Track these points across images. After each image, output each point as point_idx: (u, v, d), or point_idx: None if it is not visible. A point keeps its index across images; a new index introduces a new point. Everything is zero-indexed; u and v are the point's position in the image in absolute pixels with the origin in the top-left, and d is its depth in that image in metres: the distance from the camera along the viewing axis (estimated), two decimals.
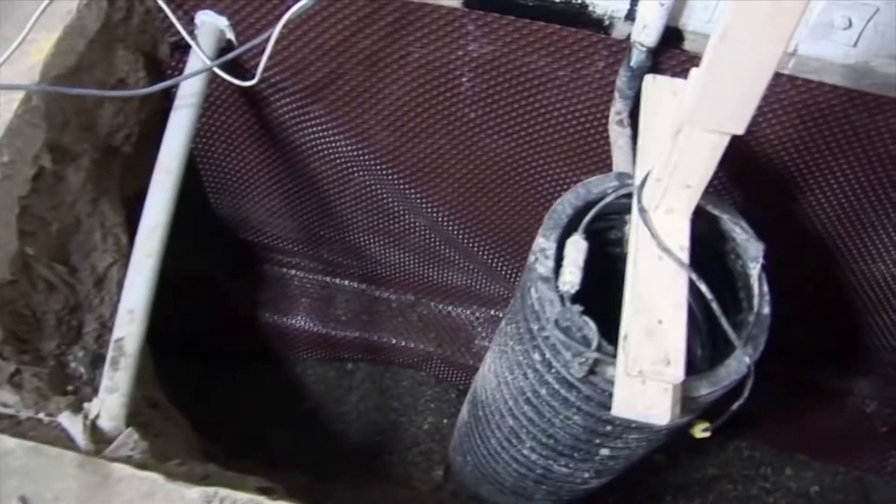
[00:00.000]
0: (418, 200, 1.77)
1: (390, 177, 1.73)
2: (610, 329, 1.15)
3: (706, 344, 1.46)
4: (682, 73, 1.42)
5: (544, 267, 1.21)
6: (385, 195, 1.81)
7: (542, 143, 1.61)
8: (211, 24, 1.52)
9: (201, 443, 1.83)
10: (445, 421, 2.13)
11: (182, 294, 2.06)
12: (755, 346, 1.22)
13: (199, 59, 1.47)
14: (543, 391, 1.27)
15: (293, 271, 2.15)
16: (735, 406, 1.26)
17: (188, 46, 1.48)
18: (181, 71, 1.58)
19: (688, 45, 1.41)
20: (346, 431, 2.12)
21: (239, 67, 1.56)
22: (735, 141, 1.54)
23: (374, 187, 1.79)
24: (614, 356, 1.13)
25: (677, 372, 1.08)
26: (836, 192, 1.62)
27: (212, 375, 2.14)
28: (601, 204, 1.25)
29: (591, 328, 1.16)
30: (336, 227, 1.96)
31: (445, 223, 1.82)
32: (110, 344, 1.27)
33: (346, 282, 2.17)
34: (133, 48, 1.53)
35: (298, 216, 1.94)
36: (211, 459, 1.80)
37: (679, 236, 1.17)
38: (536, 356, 1.24)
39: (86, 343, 1.43)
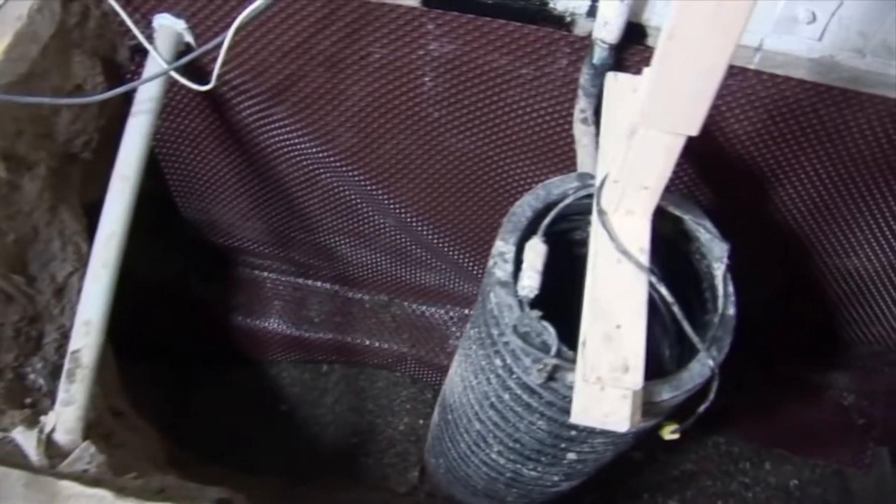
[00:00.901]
0: (386, 201, 1.75)
1: (356, 178, 1.70)
2: (576, 334, 1.13)
3: (675, 344, 1.44)
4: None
5: (503, 271, 1.19)
6: (353, 196, 1.78)
7: (508, 142, 1.59)
8: (169, 28, 1.50)
9: (173, 449, 1.82)
10: (421, 422, 2.12)
11: (156, 299, 2.04)
12: (719, 347, 1.20)
13: (156, 63, 1.45)
14: (507, 396, 1.26)
15: (265, 273, 2.13)
16: (702, 409, 1.24)
17: (147, 50, 1.46)
18: (141, 75, 1.55)
19: (651, 41, 1.38)
20: (322, 434, 2.11)
21: (199, 71, 1.53)
22: (702, 138, 1.53)
23: (341, 189, 1.77)
24: (575, 362, 1.11)
25: (636, 378, 1.06)
26: (806, 187, 1.60)
27: (188, 380, 2.12)
28: (561, 206, 1.23)
29: (550, 333, 1.14)
30: (306, 228, 1.93)
31: (414, 223, 1.80)
32: (67, 356, 1.25)
33: (319, 283, 2.15)
34: (90, 53, 1.50)
35: (267, 219, 1.92)
36: (181, 466, 1.78)
37: (639, 238, 1.15)
38: (498, 361, 1.22)
39: (46, 354, 1.41)
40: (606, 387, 1.07)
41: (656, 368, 1.23)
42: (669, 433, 1.30)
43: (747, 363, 2.13)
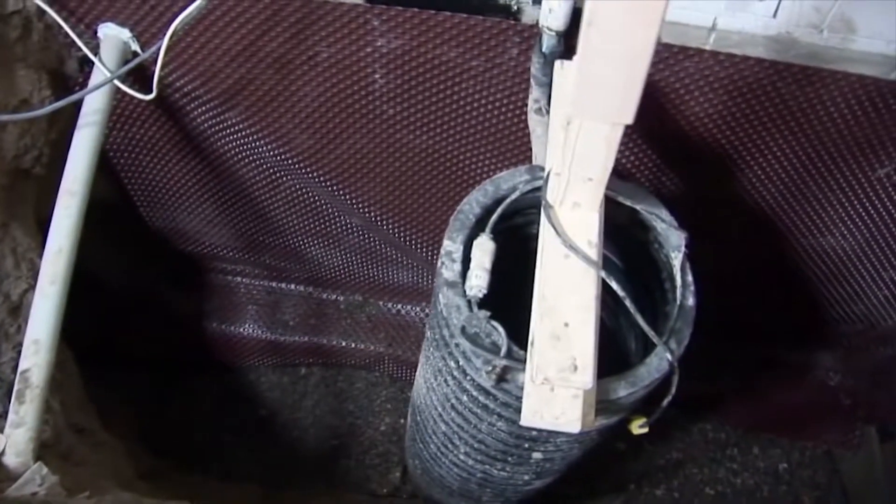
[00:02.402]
0: (349, 201, 1.73)
1: (316, 179, 1.68)
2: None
3: (640, 337, 1.41)
4: None
5: (450, 271, 1.17)
6: (316, 197, 1.76)
7: (466, 136, 1.56)
8: (114, 37, 1.47)
9: (150, 460, 1.81)
10: (402, 421, 2.10)
11: (130, 309, 2.03)
12: (679, 339, 1.17)
13: (101, 73, 1.43)
14: (465, 398, 1.23)
15: (238, 278, 2.11)
16: (665, 403, 1.21)
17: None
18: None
19: None
20: (302, 437, 2.09)
21: (150, 80, 1.50)
22: (664, 122, 1.50)
23: (303, 190, 1.74)
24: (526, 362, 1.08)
25: (585, 378, 1.03)
26: (774, 167, 1.57)
27: (165, 389, 2.10)
28: (507, 201, 1.20)
29: (499, 334, 1.11)
30: (273, 232, 1.91)
31: (380, 222, 1.77)
32: (16, 376, 1.23)
33: (292, 286, 2.12)
34: (36, 66, 1.48)
35: (234, 224, 1.90)
36: (158, 477, 1.77)
37: (587, 231, 1.12)
38: (452, 363, 1.20)
39: (2, 374, 1.39)
40: (556, 387, 1.04)
41: (623, 362, 1.20)
42: (638, 427, 1.28)
43: (731, 348, 2.10)
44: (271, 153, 1.63)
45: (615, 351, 1.48)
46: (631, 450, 2.11)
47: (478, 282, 1.14)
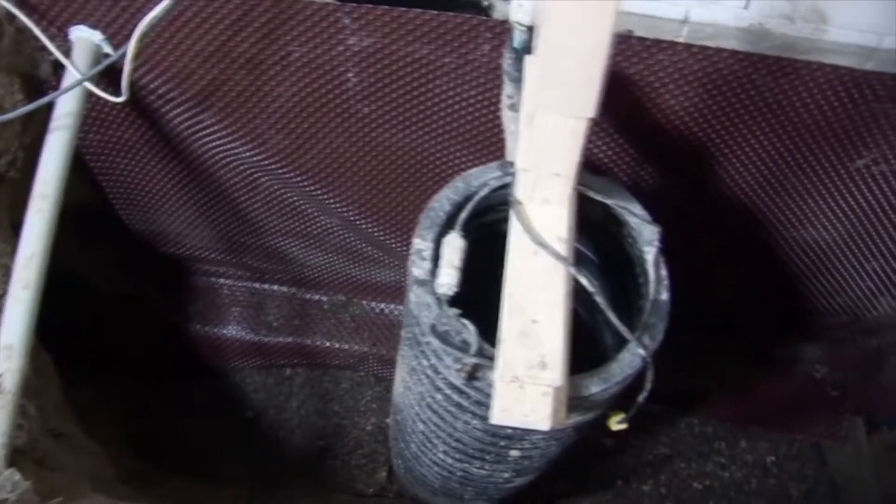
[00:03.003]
0: (327, 201, 1.72)
1: (294, 179, 1.67)
2: None
3: (617, 332, 1.40)
4: None
5: (420, 269, 1.16)
6: (294, 198, 1.75)
7: (442, 134, 1.55)
8: (86, 40, 1.46)
9: (129, 463, 1.80)
10: (388, 420, 2.09)
11: (114, 312, 2.03)
12: (652, 335, 1.16)
13: (73, 76, 1.42)
14: (439, 397, 1.23)
15: (221, 280, 2.10)
16: (641, 398, 1.20)
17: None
18: None
19: None
20: (288, 438, 2.08)
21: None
22: (640, 116, 1.50)
23: (281, 191, 1.73)
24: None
25: (554, 375, 1.02)
26: (753, 159, 1.56)
27: (152, 392, 2.10)
28: (477, 198, 1.19)
29: (470, 331, 1.10)
30: (254, 233, 1.90)
31: (359, 222, 1.77)
32: None
33: (276, 287, 2.12)
34: (7, 70, 1.47)
35: (214, 225, 1.89)
36: (144, 480, 1.77)
37: (557, 227, 1.11)
38: (425, 362, 1.19)
39: None
40: (526, 385, 1.03)
41: (600, 358, 1.19)
42: (617, 423, 1.27)
43: (716, 342, 2.10)
44: (248, 154, 1.63)
45: (592, 347, 1.47)
46: (618, 446, 2.11)
47: (447, 279, 1.13)
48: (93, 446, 1.54)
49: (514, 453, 1.31)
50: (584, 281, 1.09)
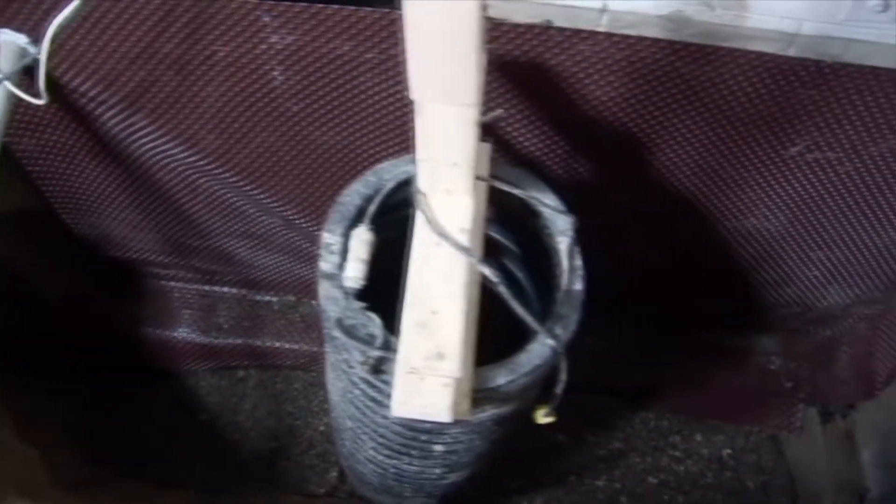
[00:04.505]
0: (265, 200, 1.72)
1: (230, 179, 1.67)
2: None
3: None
4: (490, 41, 1.35)
5: (328, 263, 1.16)
6: (234, 198, 1.75)
7: (372, 130, 1.55)
8: (11, 44, 1.46)
9: (80, 468, 1.81)
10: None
11: (66, 317, 2.03)
12: (565, 325, 1.16)
13: None
14: (357, 392, 1.22)
15: (172, 283, 2.10)
16: (558, 390, 1.19)
17: None
18: None
19: (492, 11, 1.34)
20: (242, 440, 2.08)
21: (51, 86, 1.50)
22: (568, 108, 1.49)
23: (221, 191, 1.73)
24: None
25: (452, 366, 1.02)
26: (686, 149, 1.55)
27: (105, 396, 2.10)
28: (385, 191, 1.19)
29: (375, 324, 1.10)
30: (199, 235, 1.90)
31: (299, 221, 1.76)
32: None
33: (226, 289, 2.12)
34: None
35: (159, 228, 1.89)
36: (94, 484, 1.77)
37: (460, 218, 1.11)
38: (339, 356, 1.19)
39: None
40: (426, 377, 1.03)
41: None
42: (542, 417, 1.26)
43: (669, 335, 2.09)
44: (182, 155, 1.63)
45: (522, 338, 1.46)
46: (571, 441, 2.10)
47: (354, 273, 1.13)
48: (28, 452, 1.54)
49: (439, 448, 1.31)
50: (486, 271, 1.09)
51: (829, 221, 1.68)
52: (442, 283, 1.07)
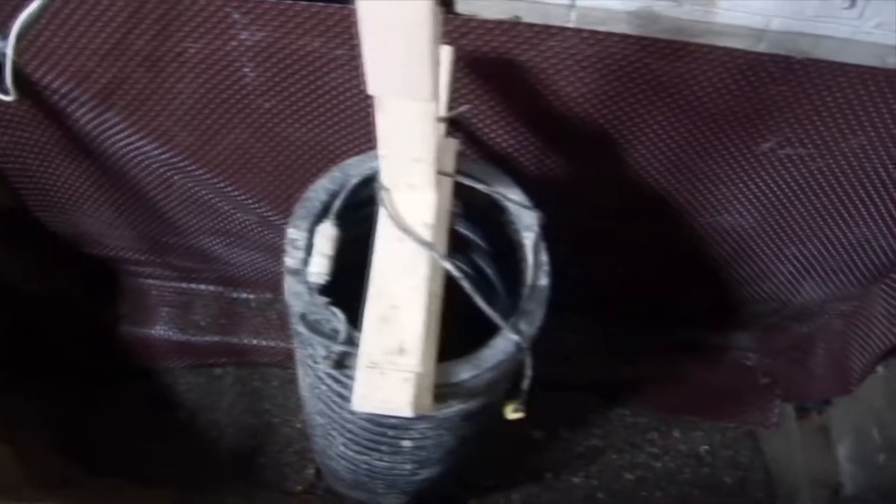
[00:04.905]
0: (239, 197, 1.71)
1: (204, 176, 1.67)
2: None
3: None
4: (460, 38, 1.36)
5: (293, 259, 1.16)
6: (208, 195, 1.75)
7: (344, 126, 1.55)
8: None
9: (57, 466, 1.80)
10: None
11: (44, 315, 2.02)
12: (530, 321, 1.16)
13: None
14: (323, 387, 1.22)
15: (149, 281, 2.10)
16: (525, 385, 1.20)
17: None
18: None
19: (461, 7, 1.35)
20: (220, 438, 2.08)
21: (24, 84, 1.50)
22: (540, 104, 1.49)
23: (195, 188, 1.73)
24: None
25: (412, 361, 1.02)
26: (658, 145, 1.56)
27: (83, 395, 2.09)
28: (350, 186, 1.19)
29: (339, 319, 1.10)
30: (175, 232, 1.90)
31: (273, 218, 1.76)
32: None
33: (203, 286, 2.11)
34: None
35: (135, 225, 1.88)
36: (70, 484, 1.77)
37: (423, 213, 1.11)
38: (305, 352, 1.19)
39: None
40: (387, 371, 1.03)
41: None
42: (512, 412, 1.27)
43: (646, 332, 2.09)
44: (156, 152, 1.62)
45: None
46: (548, 438, 2.10)
47: (318, 268, 1.13)
48: (3, 449, 1.54)
49: (407, 444, 1.31)
50: (449, 266, 1.09)
51: (803, 217, 1.68)
52: (404, 277, 1.07)
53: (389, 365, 1.02)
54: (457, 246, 1.45)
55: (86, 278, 2.05)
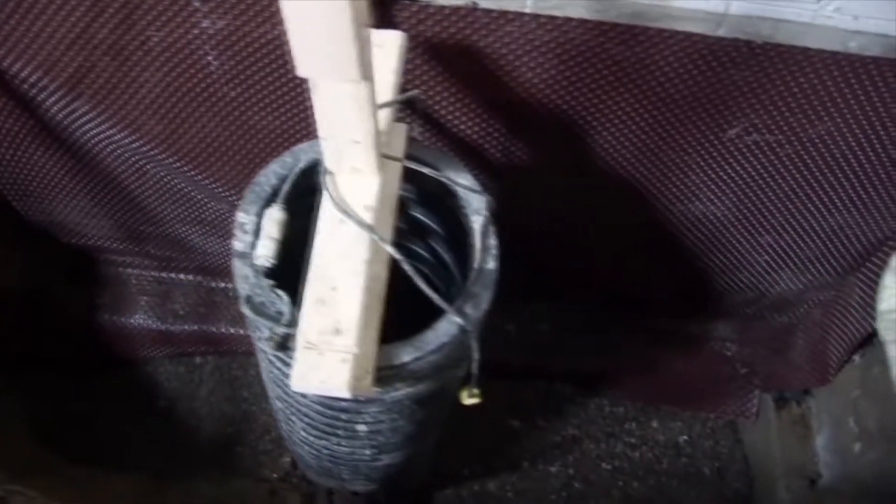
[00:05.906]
0: (211, 186, 1.73)
1: (174, 165, 1.68)
2: None
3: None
4: (417, 24, 1.36)
5: (241, 242, 1.17)
6: (181, 184, 1.76)
7: (310, 115, 1.55)
8: None
9: (30, 455, 1.83)
10: None
11: (22, 305, 2.05)
12: (476, 304, 1.16)
13: None
14: (275, 371, 1.23)
15: (129, 270, 2.12)
16: (473, 368, 1.20)
17: None
18: None
19: None
20: (199, 426, 2.09)
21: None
22: (500, 90, 1.49)
23: (167, 177, 1.75)
24: None
25: (348, 341, 1.02)
26: (624, 132, 1.55)
27: (63, 384, 2.11)
28: (296, 170, 1.19)
29: (283, 301, 1.11)
30: (151, 221, 1.92)
31: None
32: None
33: (182, 275, 2.13)
34: None
35: (111, 214, 1.90)
36: (50, 472, 1.79)
37: (365, 196, 1.11)
38: (255, 335, 1.20)
39: None
40: (325, 352, 1.04)
41: None
42: (468, 397, 1.27)
43: (625, 321, 2.09)
44: (126, 141, 1.64)
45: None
46: (525, 427, 2.10)
47: (264, 251, 1.14)
48: None
49: (362, 428, 1.31)
50: (390, 249, 1.09)
51: (775, 205, 1.67)
52: (344, 260, 1.07)
53: (326, 345, 1.02)
54: (416, 232, 1.46)
55: (63, 267, 2.07)
